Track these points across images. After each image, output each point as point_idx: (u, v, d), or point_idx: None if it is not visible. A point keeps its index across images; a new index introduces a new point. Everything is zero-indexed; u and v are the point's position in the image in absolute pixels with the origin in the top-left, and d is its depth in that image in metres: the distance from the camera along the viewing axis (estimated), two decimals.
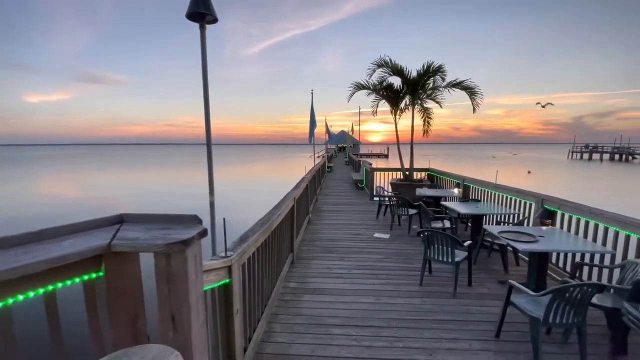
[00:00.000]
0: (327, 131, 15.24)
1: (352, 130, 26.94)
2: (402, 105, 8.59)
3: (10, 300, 1.05)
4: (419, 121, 8.67)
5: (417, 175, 9.04)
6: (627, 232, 3.10)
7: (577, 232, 3.75)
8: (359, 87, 8.76)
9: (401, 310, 3.27)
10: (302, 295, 3.63)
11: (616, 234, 3.25)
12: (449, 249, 3.64)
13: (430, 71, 7.49)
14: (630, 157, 43.25)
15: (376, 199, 8.50)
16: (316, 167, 10.01)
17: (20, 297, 1.07)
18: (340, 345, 2.73)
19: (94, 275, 1.26)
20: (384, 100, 8.92)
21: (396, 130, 8.71)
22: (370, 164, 11.31)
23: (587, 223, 3.62)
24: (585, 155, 50.33)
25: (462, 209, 4.90)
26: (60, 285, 1.18)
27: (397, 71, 7.98)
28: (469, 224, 5.89)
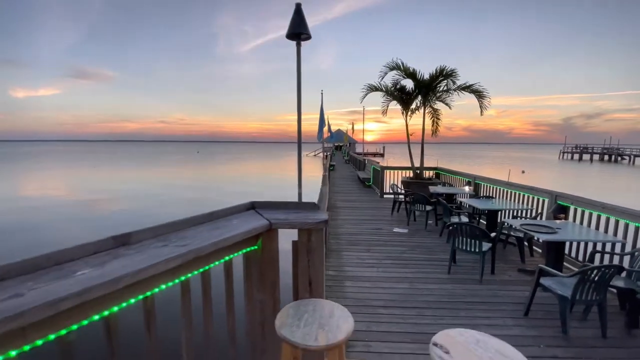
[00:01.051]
0: (329, 129, 15.53)
1: (353, 129, 27.35)
2: (413, 106, 8.97)
3: (213, 264, 1.38)
4: (425, 121, 9.08)
5: (426, 174, 9.45)
6: (637, 224, 3.51)
7: (589, 225, 4.17)
8: (372, 88, 9.12)
9: (436, 294, 3.64)
10: (343, 281, 3.97)
11: (626, 226, 3.67)
12: (477, 240, 4.02)
13: (443, 74, 7.89)
14: (619, 158, 44.62)
15: (389, 196, 8.89)
16: (327, 166, 10.36)
17: (215, 263, 1.40)
18: (390, 322, 3.08)
19: (251, 248, 1.58)
20: (394, 102, 9.30)
21: (407, 131, 9.09)
22: (378, 163, 11.69)
23: (599, 217, 4.04)
24: (576, 156, 51.68)
25: (479, 204, 5.29)
26: (233, 255, 1.51)
27: (410, 74, 8.36)
28: (480, 219, 6.30)
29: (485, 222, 5.71)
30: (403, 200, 7.36)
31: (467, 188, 7.32)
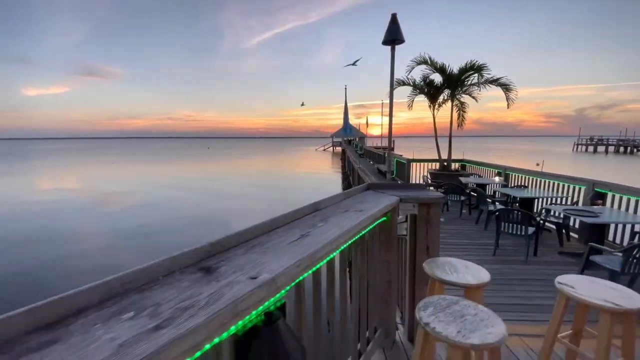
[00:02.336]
0: (346, 123, 15.57)
1: (367, 124, 27.59)
2: (440, 99, 9.24)
3: (360, 234, 1.76)
4: (452, 114, 9.34)
5: (452, 166, 9.75)
6: None
7: (627, 210, 4.46)
8: (400, 83, 9.40)
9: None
10: None
11: None
12: (523, 225, 4.35)
13: (474, 68, 8.13)
14: (635, 150, 43.86)
15: None
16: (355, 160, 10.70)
17: (362, 233, 1.77)
18: None
19: (384, 219, 1.96)
20: (420, 95, 9.58)
21: (434, 124, 9.38)
22: (401, 156, 11.99)
23: (636, 202, 4.33)
24: (590, 148, 50.91)
25: (515, 193, 5.61)
26: (373, 225, 1.89)
27: (439, 69, 8.62)
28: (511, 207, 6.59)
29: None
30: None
31: (497, 178, 7.61)
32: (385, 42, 2.67)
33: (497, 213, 4.55)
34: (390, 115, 2.91)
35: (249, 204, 14.05)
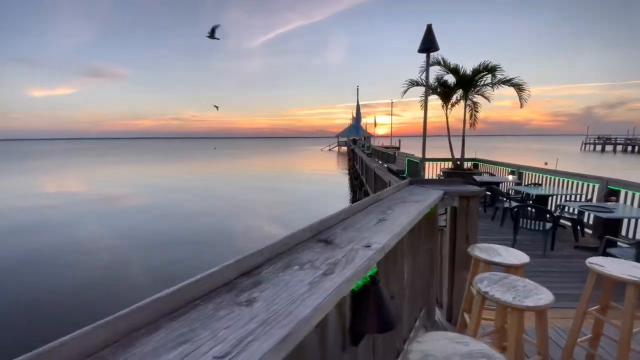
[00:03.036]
0: (358, 120, 15.61)
1: (375, 124, 27.79)
2: (453, 100, 9.44)
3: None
4: (465, 114, 9.53)
5: (465, 165, 9.94)
6: None
7: (639, 206, 4.66)
8: (413, 83, 9.61)
9: None
10: None
11: None
12: (540, 221, 4.56)
13: (487, 69, 8.32)
14: None
15: None
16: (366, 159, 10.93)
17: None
18: None
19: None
20: (433, 96, 9.78)
21: (447, 124, 9.58)
22: (413, 155, 12.19)
23: None
24: (598, 147, 50.55)
25: (531, 191, 5.81)
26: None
27: (452, 70, 8.82)
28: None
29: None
30: None
31: (510, 177, 7.80)
32: (421, 50, 2.92)
33: (515, 209, 4.76)
34: (425, 117, 3.15)
35: (265, 208, 14.35)
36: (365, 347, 1.25)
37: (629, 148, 45.64)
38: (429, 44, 2.79)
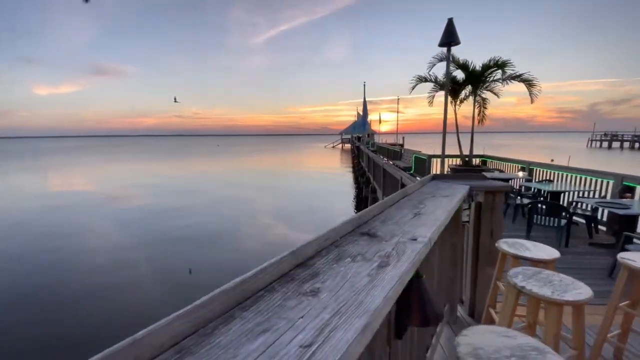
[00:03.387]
0: (365, 116, 15.48)
1: (380, 121, 27.69)
2: (462, 95, 9.37)
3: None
4: (474, 110, 9.47)
5: (474, 161, 9.88)
6: None
7: None
8: (421, 79, 9.55)
9: None
10: None
11: None
12: (556, 216, 4.52)
13: (498, 65, 8.25)
14: None
15: None
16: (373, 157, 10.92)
17: None
18: None
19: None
20: (441, 91, 9.71)
21: (456, 120, 9.52)
22: (420, 152, 12.15)
23: None
24: (605, 144, 50.01)
25: (544, 187, 5.76)
26: None
27: (461, 66, 8.75)
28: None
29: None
30: None
31: (520, 173, 7.74)
32: (441, 44, 2.89)
33: (529, 205, 4.72)
34: (445, 113, 3.12)
35: (270, 206, 14.39)
36: (404, 341, 1.25)
37: (636, 145, 45.12)
38: (450, 38, 2.76)
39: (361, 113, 19.62)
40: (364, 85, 12.15)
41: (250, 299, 0.72)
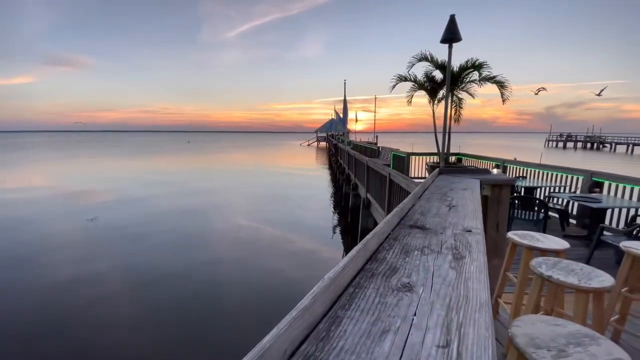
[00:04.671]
0: (345, 114, 15.57)
1: (357, 119, 28.00)
2: (440, 95, 9.65)
3: None
4: (450, 110, 9.80)
5: (450, 159, 10.23)
6: None
7: (622, 196, 4.99)
8: (401, 79, 9.72)
9: None
10: None
11: None
12: (536, 212, 4.77)
13: (474, 66, 8.56)
14: (601, 146, 46.99)
15: (417, 180, 9.63)
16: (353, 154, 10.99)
17: None
18: None
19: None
20: (419, 91, 9.96)
21: (434, 119, 9.79)
22: (398, 150, 12.40)
23: (632, 189, 4.86)
24: (560, 144, 53.97)
25: (520, 183, 6.06)
26: None
27: (439, 66, 8.99)
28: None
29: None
30: None
31: (495, 170, 8.10)
32: (443, 41, 2.92)
33: (510, 200, 4.94)
34: (446, 112, 3.16)
35: (250, 205, 14.07)
36: None
37: (588, 145, 49.12)
38: (451, 35, 2.81)
39: (339, 112, 19.71)
40: (344, 83, 12.28)
41: (343, 296, 0.65)
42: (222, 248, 8.46)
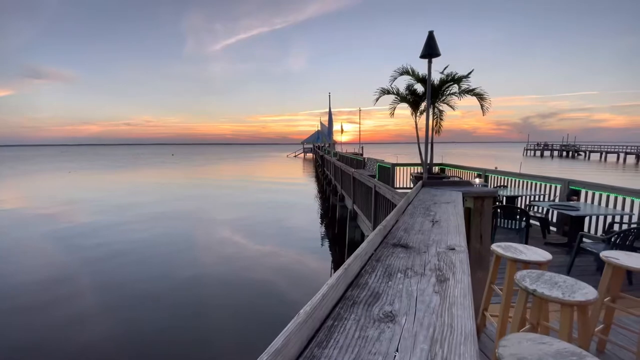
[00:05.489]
0: (330, 126, 15.71)
1: (342, 131, 28.28)
2: (422, 107, 9.88)
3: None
4: (431, 121, 10.03)
5: (433, 169, 10.40)
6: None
7: (599, 203, 5.16)
8: (384, 92, 9.93)
9: None
10: None
11: (632, 202, 4.67)
12: (518, 221, 4.85)
13: (454, 80, 8.84)
14: (576, 154, 49.07)
15: (401, 190, 9.72)
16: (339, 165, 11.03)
17: None
18: None
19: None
20: (402, 103, 10.18)
21: (417, 130, 9.98)
22: (383, 160, 12.53)
23: (607, 196, 5.03)
24: (538, 153, 56.06)
25: (502, 192, 6.20)
26: None
27: (420, 79, 9.24)
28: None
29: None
30: None
31: (477, 180, 8.29)
32: (423, 56, 2.99)
33: (493, 210, 5.02)
34: (427, 125, 3.21)
35: (235, 218, 13.82)
36: None
37: (564, 153, 51.20)
38: (430, 50, 2.88)
39: (325, 123, 19.91)
40: (329, 96, 12.45)
41: (321, 331, 0.61)
42: (206, 264, 8.20)
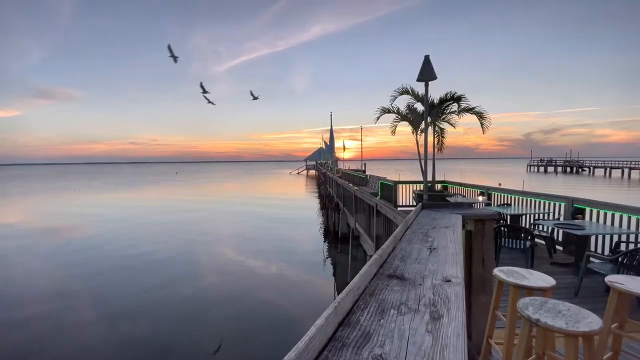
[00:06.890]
0: (331, 143, 15.88)
1: (344, 148, 28.51)
2: (422, 126, 9.96)
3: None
4: (433, 139, 10.10)
5: (436, 187, 10.36)
6: None
7: (605, 222, 5.07)
8: (385, 111, 10.05)
9: None
10: None
11: (637, 221, 4.59)
12: (520, 239, 4.78)
13: (453, 98, 8.95)
14: (580, 170, 48.80)
15: (403, 208, 9.66)
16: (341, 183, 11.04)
17: None
18: None
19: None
20: (402, 122, 10.27)
21: (417, 148, 10.00)
22: (385, 178, 12.53)
23: (612, 215, 4.96)
24: (542, 169, 55.81)
25: (504, 210, 6.14)
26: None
27: (420, 98, 9.36)
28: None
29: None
30: None
31: (480, 198, 8.23)
32: (419, 80, 3.05)
33: (496, 229, 4.95)
34: (426, 145, 3.24)
35: (238, 237, 13.75)
36: None
37: (567, 169, 50.95)
38: (426, 74, 2.94)
39: (327, 141, 20.13)
40: (331, 114, 12.64)
41: None
42: (210, 283, 8.10)
